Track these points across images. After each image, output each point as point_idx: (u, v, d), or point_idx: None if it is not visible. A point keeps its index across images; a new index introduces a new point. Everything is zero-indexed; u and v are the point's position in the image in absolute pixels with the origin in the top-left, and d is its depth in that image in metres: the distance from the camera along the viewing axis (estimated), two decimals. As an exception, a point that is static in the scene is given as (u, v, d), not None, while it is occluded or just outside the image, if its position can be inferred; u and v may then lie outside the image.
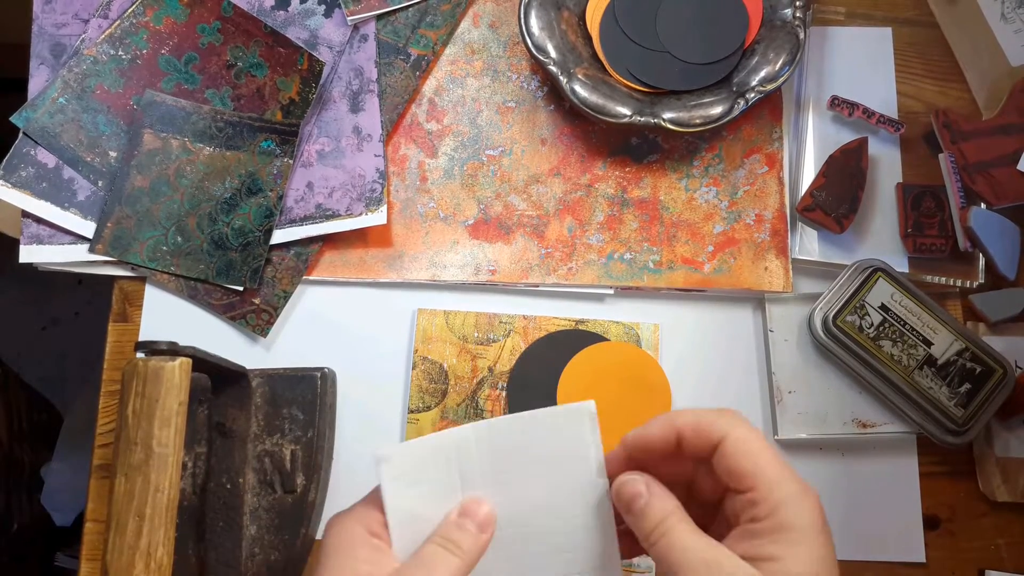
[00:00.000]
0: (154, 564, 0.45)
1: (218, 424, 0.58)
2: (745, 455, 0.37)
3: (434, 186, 0.65)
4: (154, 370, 0.47)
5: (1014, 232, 0.63)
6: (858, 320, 0.60)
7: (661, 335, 0.63)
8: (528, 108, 0.66)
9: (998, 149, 0.64)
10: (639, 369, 0.61)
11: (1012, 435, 0.62)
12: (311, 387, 0.59)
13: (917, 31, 0.69)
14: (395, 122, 0.65)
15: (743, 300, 0.64)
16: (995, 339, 0.62)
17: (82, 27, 0.64)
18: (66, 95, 0.62)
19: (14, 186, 0.61)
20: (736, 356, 0.63)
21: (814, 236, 0.64)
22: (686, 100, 0.63)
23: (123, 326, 0.63)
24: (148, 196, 0.62)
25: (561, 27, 0.64)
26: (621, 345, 0.62)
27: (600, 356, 0.62)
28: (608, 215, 0.64)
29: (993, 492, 0.61)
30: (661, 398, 0.61)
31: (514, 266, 0.63)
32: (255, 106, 0.63)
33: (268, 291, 0.62)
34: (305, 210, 0.63)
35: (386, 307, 0.63)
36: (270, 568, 0.56)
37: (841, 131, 0.66)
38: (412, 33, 0.66)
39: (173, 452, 0.46)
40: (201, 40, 0.64)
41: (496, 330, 0.62)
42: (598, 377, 0.61)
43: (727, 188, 0.65)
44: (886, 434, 0.61)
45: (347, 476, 0.60)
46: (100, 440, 0.61)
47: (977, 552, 0.61)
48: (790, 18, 0.64)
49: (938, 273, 0.63)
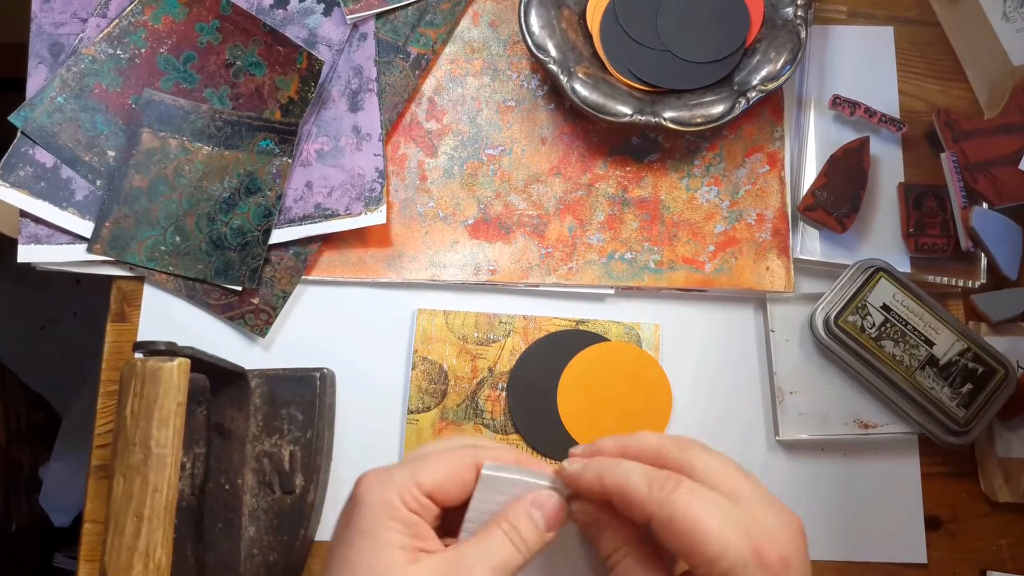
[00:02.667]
0: (152, 565, 0.45)
1: (217, 424, 0.58)
2: (682, 535, 0.35)
3: (434, 185, 0.64)
4: (152, 370, 0.46)
5: (1016, 232, 0.63)
6: (860, 320, 0.60)
7: (662, 335, 0.62)
8: (528, 107, 0.66)
9: (1000, 148, 0.63)
10: (640, 369, 0.61)
11: (1014, 435, 0.61)
12: (310, 387, 0.59)
13: (919, 30, 0.69)
14: (394, 121, 0.65)
15: (744, 300, 0.64)
16: (997, 339, 0.62)
17: (80, 26, 0.64)
18: (64, 94, 0.62)
19: (12, 185, 0.61)
20: (737, 356, 0.63)
21: (816, 236, 0.64)
22: (687, 99, 0.62)
23: (121, 326, 0.63)
24: (146, 196, 0.61)
25: (561, 25, 0.63)
26: (621, 345, 0.62)
27: (600, 356, 0.61)
28: (609, 215, 0.64)
29: (995, 492, 0.61)
30: (662, 399, 0.61)
31: (514, 266, 0.63)
32: (254, 105, 0.63)
33: (267, 291, 0.62)
34: (304, 210, 0.62)
35: (386, 307, 0.63)
36: (269, 569, 0.56)
37: (843, 130, 0.66)
38: (412, 32, 0.66)
39: (171, 453, 0.46)
40: (200, 39, 0.64)
41: (496, 330, 0.62)
42: (599, 378, 0.61)
43: (728, 187, 0.64)
44: (888, 434, 0.61)
45: (346, 476, 0.60)
46: (98, 440, 0.61)
47: (979, 553, 0.61)
48: (791, 17, 0.64)
49: (940, 273, 0.63)
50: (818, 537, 0.60)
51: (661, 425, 0.61)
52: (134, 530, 0.45)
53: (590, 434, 0.60)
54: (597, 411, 0.60)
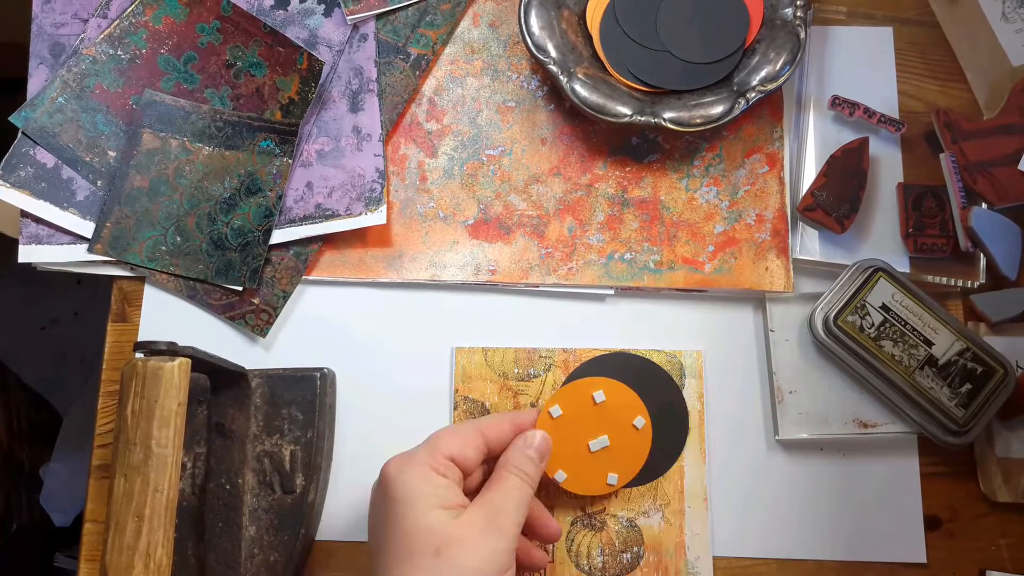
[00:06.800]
0: (153, 565, 0.45)
1: (217, 424, 0.58)
2: None
3: (434, 186, 0.64)
4: (153, 370, 0.46)
5: (1015, 232, 0.63)
6: (859, 320, 0.60)
7: (705, 362, 0.62)
8: (528, 108, 0.66)
9: (999, 149, 0.63)
10: (626, 411, 0.59)
11: (1013, 435, 0.62)
12: (310, 387, 0.59)
13: (918, 31, 0.69)
14: (395, 122, 0.65)
15: (744, 300, 0.64)
16: (996, 339, 0.62)
17: (81, 27, 0.64)
18: (65, 95, 0.62)
19: (13, 186, 0.61)
20: (737, 356, 0.63)
21: (815, 236, 0.64)
22: (687, 100, 0.63)
23: (122, 326, 0.63)
24: (147, 196, 0.61)
25: (561, 26, 0.64)
26: (610, 384, 0.59)
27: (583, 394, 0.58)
28: (608, 215, 0.64)
29: (994, 492, 0.61)
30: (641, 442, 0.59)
31: (514, 266, 0.63)
32: (254, 106, 0.63)
33: (267, 291, 0.62)
34: (304, 210, 0.62)
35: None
36: (269, 568, 0.56)
37: (842, 131, 0.66)
38: (412, 32, 0.66)
39: (172, 452, 0.46)
40: (200, 39, 0.64)
41: (536, 364, 0.62)
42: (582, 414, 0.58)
43: (728, 188, 0.64)
44: (887, 434, 0.61)
45: (346, 477, 0.60)
46: (99, 440, 0.61)
47: (978, 553, 0.61)
48: (791, 17, 0.64)
49: (939, 273, 0.63)
50: (817, 537, 0.60)
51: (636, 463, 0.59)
52: (135, 530, 0.45)
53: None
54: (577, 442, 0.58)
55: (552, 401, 0.57)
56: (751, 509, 0.60)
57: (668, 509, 0.59)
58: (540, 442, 0.52)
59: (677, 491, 0.60)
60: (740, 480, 0.61)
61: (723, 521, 0.60)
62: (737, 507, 0.60)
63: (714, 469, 0.61)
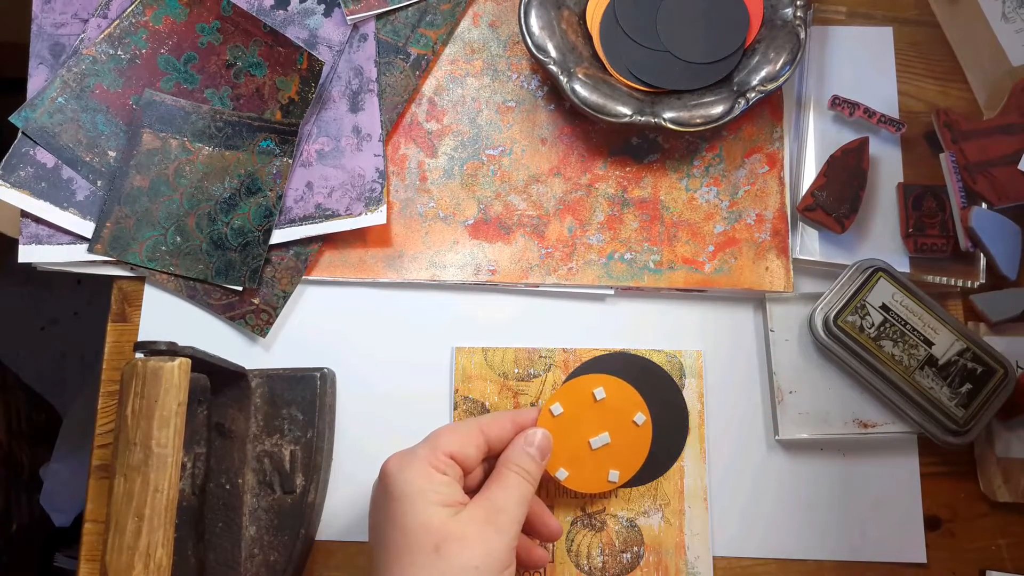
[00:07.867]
0: (153, 565, 0.45)
1: (217, 424, 0.58)
2: None
3: (434, 186, 0.64)
4: (153, 370, 0.46)
5: (1015, 232, 0.63)
6: (859, 320, 0.60)
7: (705, 362, 0.62)
8: (528, 108, 0.66)
9: (999, 149, 0.63)
10: (627, 408, 0.58)
11: (1013, 435, 0.62)
12: (310, 387, 0.59)
13: (918, 30, 0.69)
14: (395, 122, 0.65)
15: (744, 300, 0.64)
16: (996, 339, 0.62)
17: (81, 27, 0.64)
18: (65, 95, 0.62)
19: (13, 186, 0.61)
20: (737, 356, 0.63)
21: (815, 236, 0.64)
22: (687, 100, 0.63)
23: (122, 326, 0.63)
24: (147, 196, 0.61)
25: (561, 26, 0.64)
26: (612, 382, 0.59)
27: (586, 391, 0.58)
28: (608, 215, 0.64)
29: (994, 492, 0.61)
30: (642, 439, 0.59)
31: (514, 266, 0.63)
32: (254, 106, 0.63)
33: (267, 291, 0.62)
34: (304, 210, 0.62)
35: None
36: (269, 568, 0.56)
37: (842, 131, 0.66)
38: (412, 32, 0.66)
39: (172, 452, 0.46)
40: (200, 40, 0.64)
41: (536, 365, 0.62)
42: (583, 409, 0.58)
43: (728, 188, 0.65)
44: (887, 434, 0.61)
45: (346, 477, 0.60)
46: (99, 440, 0.61)
47: (978, 552, 0.61)
48: (791, 17, 0.64)
49: (939, 273, 0.63)
50: (818, 537, 0.60)
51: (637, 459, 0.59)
52: (135, 530, 0.45)
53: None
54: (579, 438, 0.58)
55: (553, 399, 0.57)
56: (751, 509, 0.60)
57: (668, 509, 0.59)
58: (541, 440, 0.52)
59: (677, 491, 0.60)
60: (740, 480, 0.61)
61: (723, 521, 0.60)
62: (737, 507, 0.60)
63: (714, 469, 0.61)
